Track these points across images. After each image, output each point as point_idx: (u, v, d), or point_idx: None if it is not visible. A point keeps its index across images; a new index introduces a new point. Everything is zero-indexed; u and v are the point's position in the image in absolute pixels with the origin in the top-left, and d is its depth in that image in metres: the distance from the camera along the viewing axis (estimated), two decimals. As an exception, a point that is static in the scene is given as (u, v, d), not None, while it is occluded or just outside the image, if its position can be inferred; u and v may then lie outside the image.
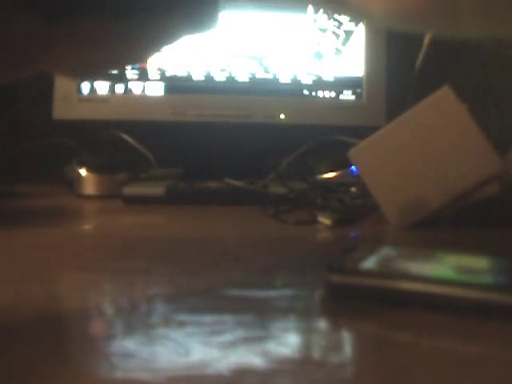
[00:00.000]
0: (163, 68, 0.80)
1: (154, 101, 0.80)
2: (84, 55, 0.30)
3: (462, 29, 0.36)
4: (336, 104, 0.81)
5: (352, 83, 0.81)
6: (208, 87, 0.80)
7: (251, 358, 0.27)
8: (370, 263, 0.37)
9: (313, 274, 0.41)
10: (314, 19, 0.81)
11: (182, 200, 0.72)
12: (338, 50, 0.81)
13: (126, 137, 0.85)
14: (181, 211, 0.68)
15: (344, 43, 0.81)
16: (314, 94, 0.81)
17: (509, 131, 0.83)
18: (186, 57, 0.80)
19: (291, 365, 0.27)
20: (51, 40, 0.29)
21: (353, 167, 0.70)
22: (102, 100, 0.80)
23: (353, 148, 0.60)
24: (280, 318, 0.33)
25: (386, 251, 0.40)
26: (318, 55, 0.81)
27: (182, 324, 0.31)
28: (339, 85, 0.81)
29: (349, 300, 0.35)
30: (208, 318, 0.32)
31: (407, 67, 0.87)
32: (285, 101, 0.80)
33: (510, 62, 0.87)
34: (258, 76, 0.81)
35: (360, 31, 0.81)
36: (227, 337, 0.30)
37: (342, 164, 0.73)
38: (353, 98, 0.81)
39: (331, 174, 0.75)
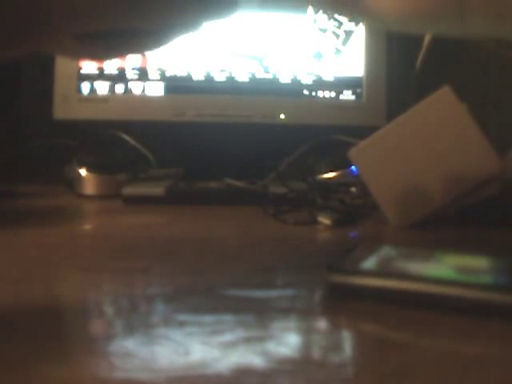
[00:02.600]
0: (163, 68, 0.80)
1: (154, 101, 0.80)
2: (83, 27, 0.30)
3: (469, 28, 0.36)
4: (336, 104, 0.81)
5: (352, 83, 0.81)
6: (208, 87, 0.80)
7: (251, 357, 0.27)
8: (369, 263, 0.37)
9: (313, 273, 0.41)
10: (314, 19, 0.81)
11: (182, 200, 0.72)
12: (337, 50, 0.81)
13: (125, 137, 0.85)
14: (181, 211, 0.68)
15: (344, 43, 0.81)
16: (314, 93, 0.81)
17: (508, 131, 0.83)
18: (186, 57, 0.80)
19: (291, 365, 0.27)
20: (50, 12, 0.28)
21: (353, 167, 0.70)
22: (102, 100, 0.80)
23: (353, 148, 0.60)
24: (280, 318, 0.33)
25: (386, 251, 0.40)
26: (318, 55, 0.81)
27: (182, 324, 0.31)
28: (339, 85, 0.81)
29: (349, 300, 0.35)
30: (208, 318, 0.32)
31: (407, 67, 0.87)
32: (285, 101, 0.80)
33: (510, 61, 0.87)
34: (257, 76, 0.80)
35: (360, 31, 0.81)
36: (227, 337, 0.30)
37: (342, 164, 0.72)
38: (353, 98, 0.81)
39: (331, 174, 0.75)
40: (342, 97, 0.81)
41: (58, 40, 0.31)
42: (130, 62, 0.80)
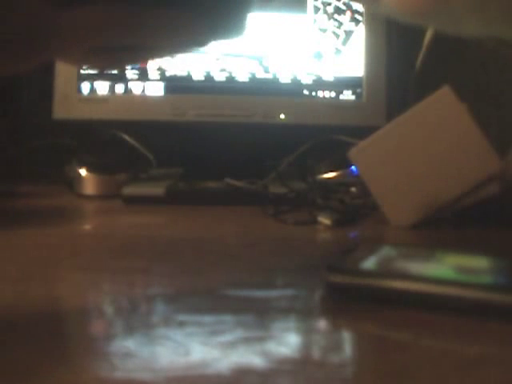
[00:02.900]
0: (163, 68, 0.80)
1: (154, 101, 0.80)
2: (91, 43, 0.30)
3: (459, 27, 0.36)
4: (336, 104, 0.81)
5: (352, 83, 0.81)
6: (208, 87, 0.80)
7: (251, 357, 0.27)
8: (369, 263, 0.37)
9: (313, 274, 0.41)
10: (314, 19, 0.81)
11: (181, 200, 0.72)
12: (337, 50, 0.81)
13: (126, 137, 0.85)
14: (181, 211, 0.68)
15: (344, 43, 0.81)
16: (314, 93, 0.81)
17: (509, 131, 0.83)
18: (186, 57, 0.80)
19: (291, 365, 0.27)
20: (58, 26, 0.28)
21: (353, 167, 0.70)
22: (102, 100, 0.80)
23: (353, 148, 0.60)
24: (280, 318, 0.33)
25: (386, 251, 0.40)
26: (318, 55, 0.81)
27: (182, 324, 0.31)
28: (339, 85, 0.81)
29: (349, 300, 0.35)
30: (208, 318, 0.32)
31: (407, 67, 0.87)
32: (285, 101, 0.80)
33: (509, 61, 0.87)
34: (258, 76, 0.81)
35: (360, 31, 0.81)
36: (227, 337, 0.30)
37: (342, 164, 0.73)
38: (353, 98, 0.81)
39: (331, 174, 0.75)
40: (341, 97, 0.81)
41: (68, 52, 0.31)
42: (130, 62, 0.80)
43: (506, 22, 0.35)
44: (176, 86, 0.80)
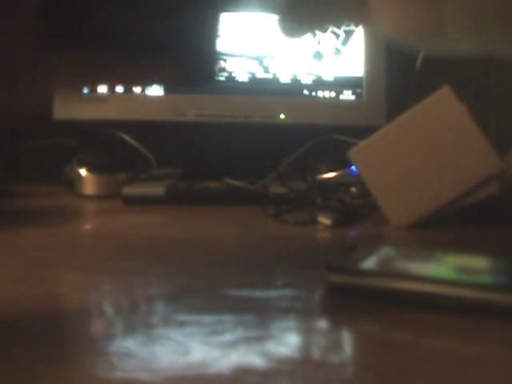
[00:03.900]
0: (163, 68, 0.80)
1: (154, 101, 0.80)
2: (81, 82, 0.31)
3: (455, 48, 0.37)
4: (336, 104, 0.81)
5: (352, 83, 0.81)
6: (208, 87, 0.80)
7: (251, 357, 0.27)
8: (370, 263, 0.37)
9: (313, 274, 0.41)
10: (314, 19, 0.80)
11: (181, 200, 0.72)
12: (337, 50, 0.81)
13: (126, 137, 0.85)
14: (181, 211, 0.68)
15: (344, 43, 0.81)
16: (314, 93, 0.81)
17: (509, 131, 0.83)
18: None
19: (291, 365, 0.27)
20: (47, 66, 0.29)
21: (353, 167, 0.70)
22: (102, 100, 0.80)
23: (353, 148, 0.60)
24: (280, 318, 0.33)
25: (386, 251, 0.40)
26: (318, 55, 0.81)
27: (182, 324, 0.31)
28: (339, 85, 0.81)
29: (349, 300, 0.35)
30: (208, 318, 0.32)
31: (407, 67, 0.87)
32: (285, 101, 0.80)
33: (510, 61, 0.87)
34: (258, 76, 0.81)
35: (360, 31, 0.81)
36: (227, 337, 0.30)
37: (342, 164, 0.73)
38: (353, 98, 0.81)
39: (331, 174, 0.75)
40: (341, 97, 0.81)
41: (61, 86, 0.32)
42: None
43: (503, 42, 0.35)
44: (176, 86, 0.80)
